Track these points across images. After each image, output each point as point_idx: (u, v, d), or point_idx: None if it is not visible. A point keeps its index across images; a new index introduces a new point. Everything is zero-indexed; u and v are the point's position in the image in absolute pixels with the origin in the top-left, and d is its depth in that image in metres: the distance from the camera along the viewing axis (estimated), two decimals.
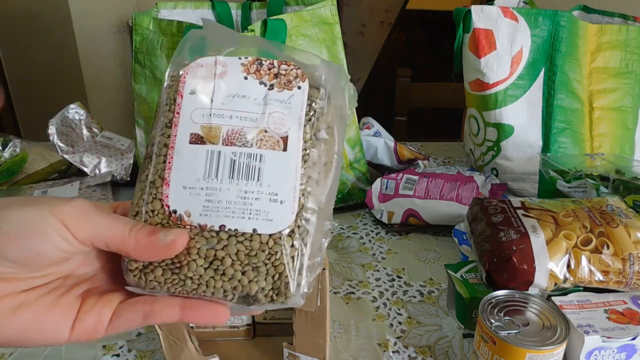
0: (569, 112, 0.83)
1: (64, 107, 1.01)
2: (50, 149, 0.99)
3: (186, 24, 0.75)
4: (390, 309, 0.66)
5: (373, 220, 0.86)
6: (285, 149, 0.33)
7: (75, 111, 1.02)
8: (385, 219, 0.83)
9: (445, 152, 1.13)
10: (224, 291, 0.31)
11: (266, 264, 0.31)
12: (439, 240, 0.81)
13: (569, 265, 0.54)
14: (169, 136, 0.34)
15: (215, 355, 0.54)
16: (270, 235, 0.32)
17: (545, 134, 0.84)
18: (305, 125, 0.34)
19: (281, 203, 0.32)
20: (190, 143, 0.33)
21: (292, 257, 0.32)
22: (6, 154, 0.93)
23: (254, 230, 0.32)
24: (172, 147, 0.33)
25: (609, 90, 0.85)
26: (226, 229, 0.32)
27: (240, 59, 0.35)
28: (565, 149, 0.83)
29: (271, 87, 0.35)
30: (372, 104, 1.71)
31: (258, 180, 0.32)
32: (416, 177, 0.84)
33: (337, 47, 0.84)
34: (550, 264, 0.53)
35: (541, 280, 0.54)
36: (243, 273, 0.31)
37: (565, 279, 0.54)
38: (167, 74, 0.36)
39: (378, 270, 0.74)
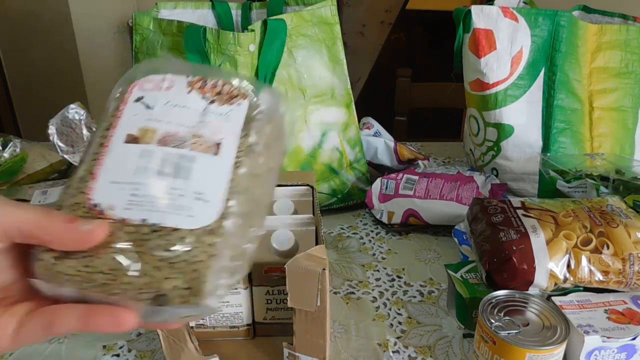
0: (569, 112, 0.83)
1: (64, 107, 1.00)
2: (50, 149, 0.98)
3: (186, 24, 0.75)
4: (390, 309, 0.66)
5: (373, 220, 0.86)
6: (217, 154, 0.34)
7: (75, 111, 1.01)
8: (385, 219, 0.83)
9: (445, 152, 1.13)
10: (137, 289, 0.30)
11: (183, 260, 0.30)
12: (439, 240, 0.81)
13: (569, 265, 0.54)
14: (105, 137, 0.35)
15: (215, 355, 0.54)
16: (190, 231, 0.31)
17: (545, 134, 0.84)
18: (241, 138, 0.35)
19: (206, 202, 0.32)
20: (125, 142, 0.34)
21: (211, 256, 0.31)
22: (6, 154, 0.93)
23: (175, 225, 0.31)
24: (106, 145, 0.34)
25: (609, 90, 0.85)
26: (148, 223, 0.31)
27: (187, 77, 0.37)
28: (565, 149, 0.83)
29: (212, 102, 0.36)
30: (372, 104, 1.71)
31: (186, 178, 0.33)
32: (416, 177, 0.84)
33: (337, 47, 0.84)
34: (550, 264, 0.53)
35: (541, 280, 0.54)
36: (158, 269, 0.30)
37: (565, 279, 0.54)
38: (115, 88, 0.37)
39: (378, 270, 0.73)
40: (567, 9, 0.87)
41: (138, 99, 0.36)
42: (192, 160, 0.33)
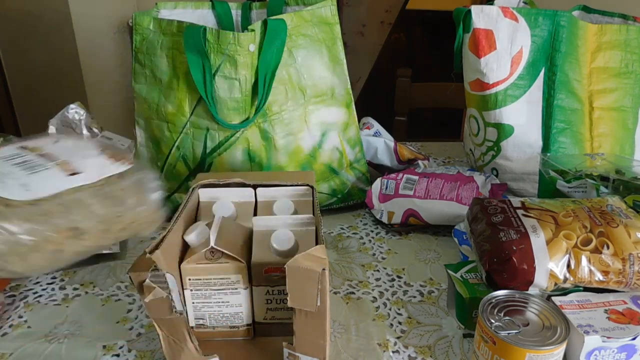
0: (569, 112, 0.83)
1: (64, 107, 1.00)
2: None
3: (186, 24, 0.75)
4: (390, 309, 0.66)
5: (373, 220, 0.86)
6: (68, 175, 0.43)
7: (75, 111, 1.01)
8: (385, 219, 0.83)
9: (445, 152, 1.13)
10: None
11: None
12: (439, 240, 0.81)
13: (569, 265, 0.54)
14: (14, 143, 0.45)
15: (215, 355, 0.54)
16: None
17: (545, 134, 0.84)
18: (99, 181, 0.44)
19: (26, 191, 0.40)
20: (18, 148, 0.44)
21: None
22: None
23: None
24: (5, 146, 0.46)
25: (609, 90, 0.85)
26: None
27: (112, 139, 0.49)
28: (565, 149, 0.83)
29: (106, 155, 0.47)
30: (372, 104, 1.71)
31: (28, 173, 0.41)
32: (416, 177, 0.84)
33: (337, 47, 0.84)
34: (550, 264, 0.53)
35: (541, 280, 0.54)
36: None
37: (565, 279, 0.54)
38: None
39: (378, 270, 0.73)
40: (567, 9, 0.87)
41: (60, 134, 0.47)
42: (45, 168, 0.42)
